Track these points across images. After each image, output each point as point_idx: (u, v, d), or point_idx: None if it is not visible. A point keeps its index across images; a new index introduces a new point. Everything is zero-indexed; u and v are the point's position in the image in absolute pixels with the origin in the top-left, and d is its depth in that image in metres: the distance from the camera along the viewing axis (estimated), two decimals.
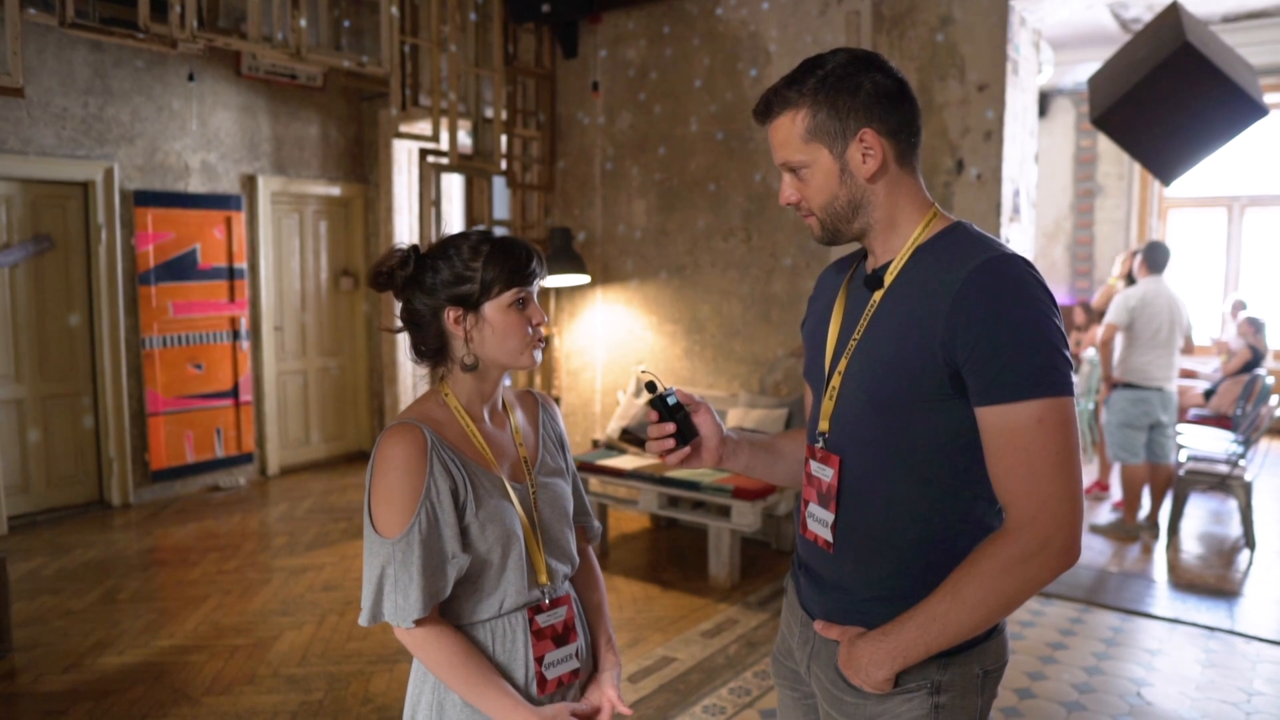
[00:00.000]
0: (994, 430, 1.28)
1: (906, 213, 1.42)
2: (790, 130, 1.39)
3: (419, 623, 1.47)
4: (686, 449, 1.50)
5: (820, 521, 1.47)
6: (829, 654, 1.45)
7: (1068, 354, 1.28)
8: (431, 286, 1.54)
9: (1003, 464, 1.28)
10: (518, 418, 1.70)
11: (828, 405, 1.46)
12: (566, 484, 1.72)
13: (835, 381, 1.44)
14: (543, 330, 1.59)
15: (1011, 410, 1.26)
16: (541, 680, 1.56)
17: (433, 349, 1.59)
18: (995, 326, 1.25)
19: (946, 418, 1.33)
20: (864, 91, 1.36)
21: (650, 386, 1.50)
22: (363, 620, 1.50)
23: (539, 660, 1.57)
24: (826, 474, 1.45)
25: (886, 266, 1.42)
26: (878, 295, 1.41)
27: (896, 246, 1.42)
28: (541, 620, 1.58)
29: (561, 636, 1.61)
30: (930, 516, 1.37)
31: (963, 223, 1.42)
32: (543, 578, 1.59)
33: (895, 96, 1.38)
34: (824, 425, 1.47)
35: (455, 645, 1.49)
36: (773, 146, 1.43)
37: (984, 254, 1.31)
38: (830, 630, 1.43)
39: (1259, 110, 4.04)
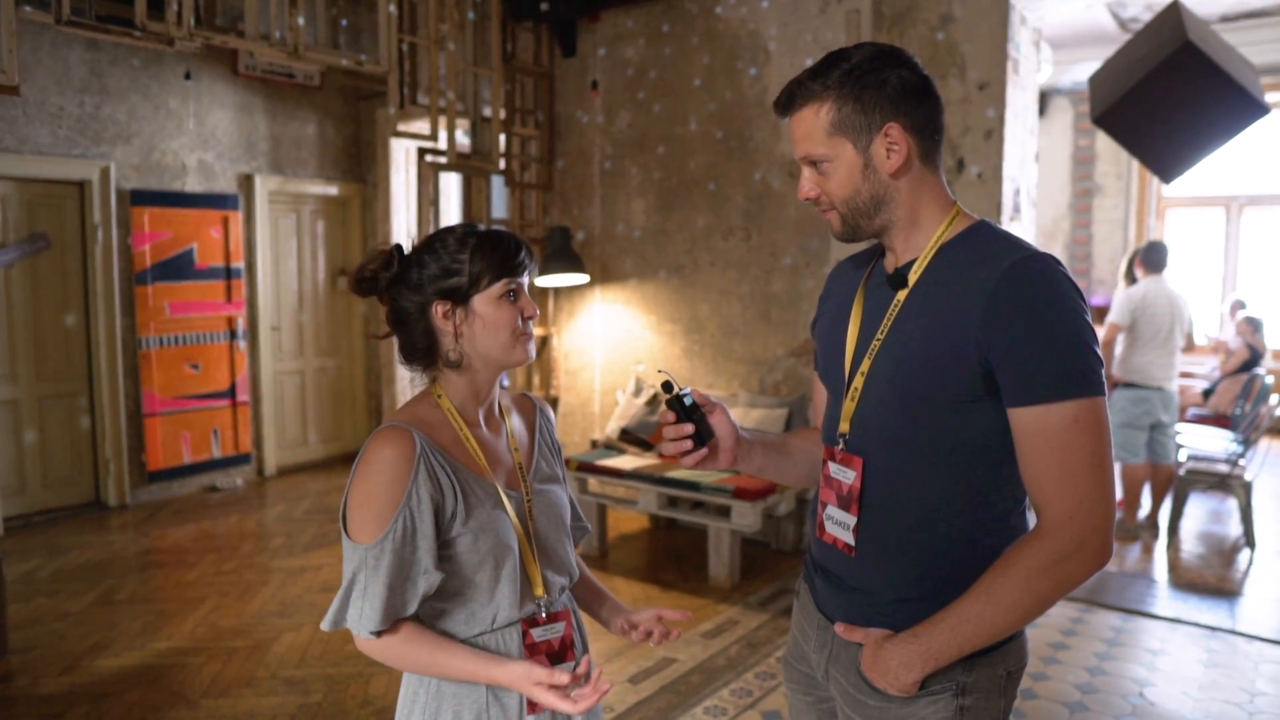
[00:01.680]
0: (1029, 431, 1.27)
1: (929, 210, 1.40)
2: (814, 123, 1.36)
3: (378, 633, 1.42)
4: (704, 450, 1.47)
5: (840, 524, 1.44)
6: (849, 657, 1.43)
7: (1099, 353, 1.27)
8: (418, 282, 1.49)
9: (1038, 465, 1.27)
10: (514, 422, 1.65)
11: (849, 406, 1.43)
12: (563, 491, 1.66)
13: (858, 382, 1.42)
14: (534, 324, 1.54)
15: (1048, 411, 1.25)
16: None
17: (422, 348, 1.53)
18: (1031, 327, 1.24)
19: (975, 418, 1.32)
20: (890, 86, 1.34)
21: (667, 386, 1.46)
22: (324, 624, 1.45)
23: None
24: (848, 476, 1.43)
25: (910, 265, 1.40)
26: (902, 294, 1.39)
27: (919, 245, 1.40)
28: (536, 635, 1.52)
29: (558, 654, 1.54)
30: (957, 517, 1.36)
31: (986, 221, 1.40)
32: (538, 590, 1.53)
33: (920, 93, 1.36)
34: (844, 426, 1.44)
35: (413, 641, 1.44)
36: (794, 139, 1.40)
37: (1016, 253, 1.30)
38: (853, 633, 1.41)
39: (1260, 109, 4.03)
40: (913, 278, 1.39)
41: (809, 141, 1.38)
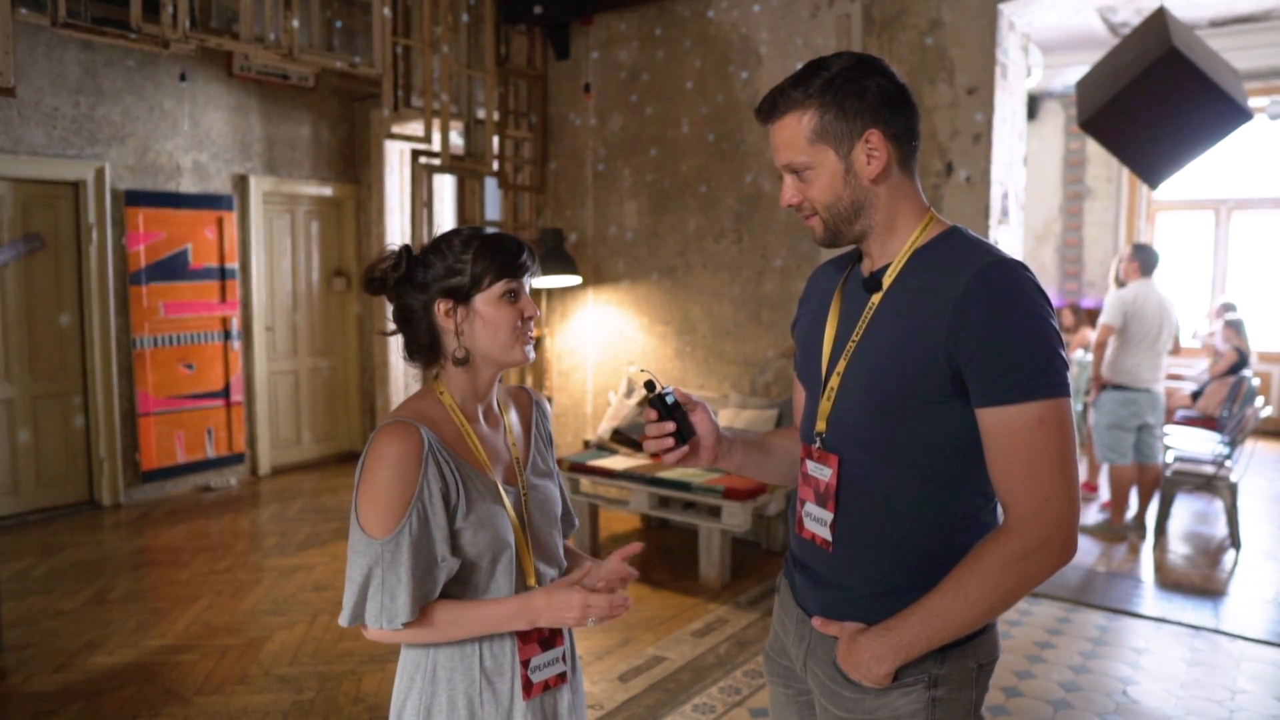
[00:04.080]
0: (995, 431, 1.31)
1: (905, 216, 1.44)
2: (796, 131, 1.40)
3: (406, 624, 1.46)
4: (684, 448, 1.51)
5: (818, 520, 1.49)
6: (826, 650, 1.47)
7: (1065, 355, 1.31)
8: (423, 281, 1.54)
9: (1004, 464, 1.31)
10: (511, 417, 1.70)
11: (825, 406, 1.48)
12: (555, 485, 1.71)
13: (833, 382, 1.46)
14: (534, 325, 1.58)
15: (1013, 411, 1.29)
16: (527, 684, 1.55)
17: (424, 345, 1.57)
18: (997, 330, 1.29)
19: (946, 418, 1.36)
20: (870, 94, 1.38)
21: (649, 385, 1.50)
22: (343, 620, 1.48)
23: (525, 664, 1.55)
24: (824, 473, 1.47)
25: (884, 269, 1.44)
26: (876, 298, 1.43)
27: (894, 250, 1.44)
28: None
29: (548, 640, 1.59)
30: (929, 514, 1.40)
31: (959, 227, 1.44)
32: (531, 581, 1.59)
33: (898, 100, 1.41)
34: (821, 425, 1.48)
35: (440, 620, 1.49)
36: (775, 148, 1.44)
37: (984, 259, 1.34)
38: (829, 626, 1.45)
39: (1243, 114, 4.08)
40: (887, 281, 1.43)
41: (791, 149, 1.41)
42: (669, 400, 1.50)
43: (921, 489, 1.39)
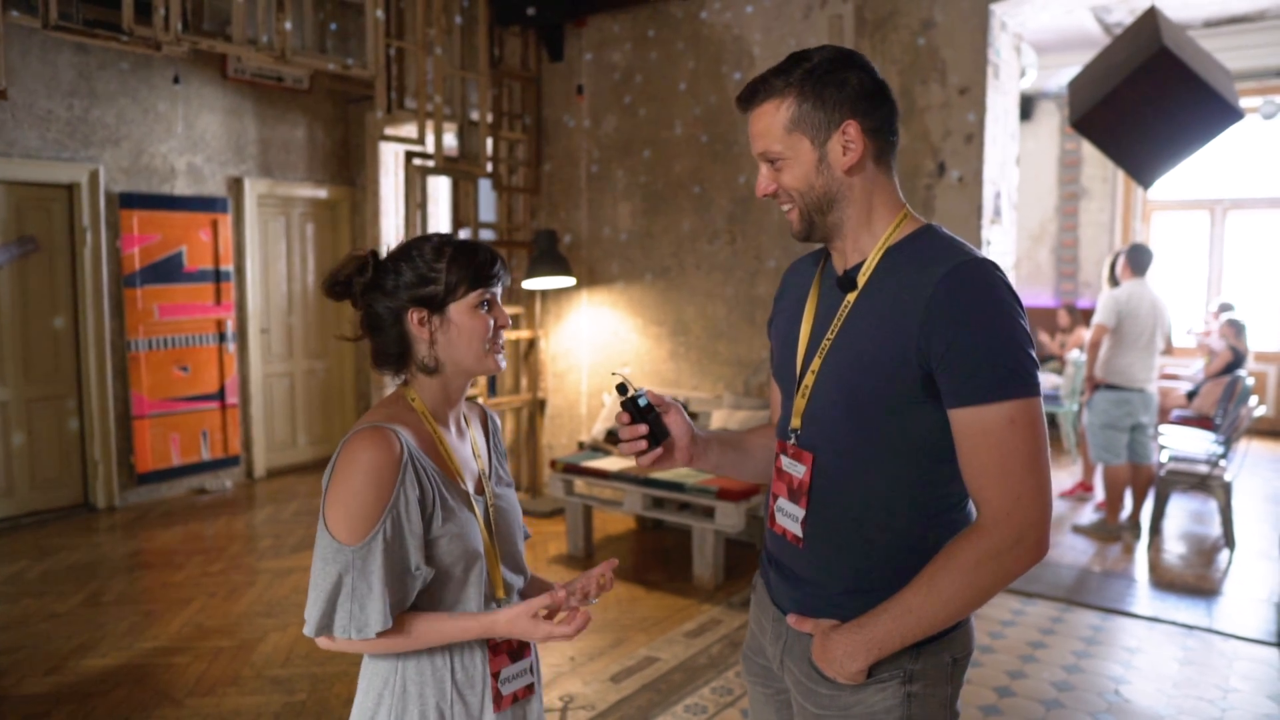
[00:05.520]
0: (967, 431, 1.31)
1: (879, 212, 1.44)
2: (773, 119, 1.40)
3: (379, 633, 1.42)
4: (658, 450, 1.51)
5: (790, 516, 1.49)
6: (802, 648, 1.48)
7: (1034, 355, 1.32)
8: (393, 289, 1.51)
9: (976, 463, 1.31)
10: (475, 428, 1.69)
11: (800, 403, 1.48)
12: (515, 495, 1.70)
13: (808, 380, 1.46)
14: (504, 334, 1.57)
15: (984, 411, 1.29)
16: (498, 695, 1.54)
17: (394, 354, 1.55)
18: (967, 330, 1.29)
19: (918, 417, 1.36)
20: (850, 86, 1.38)
21: (621, 389, 1.50)
22: (308, 630, 1.44)
23: (495, 675, 1.54)
24: (798, 470, 1.47)
25: (858, 267, 1.44)
26: (851, 296, 1.43)
27: (867, 247, 1.44)
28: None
29: (517, 651, 1.58)
30: (901, 512, 1.40)
31: (933, 225, 1.44)
32: (499, 592, 1.57)
33: (877, 95, 1.41)
34: (796, 422, 1.49)
35: (408, 627, 1.46)
36: (752, 135, 1.44)
37: (955, 258, 1.34)
38: (803, 624, 1.45)
39: (1234, 114, 4.09)
40: (861, 280, 1.43)
41: (767, 138, 1.42)
42: (641, 402, 1.50)
43: (894, 487, 1.40)
